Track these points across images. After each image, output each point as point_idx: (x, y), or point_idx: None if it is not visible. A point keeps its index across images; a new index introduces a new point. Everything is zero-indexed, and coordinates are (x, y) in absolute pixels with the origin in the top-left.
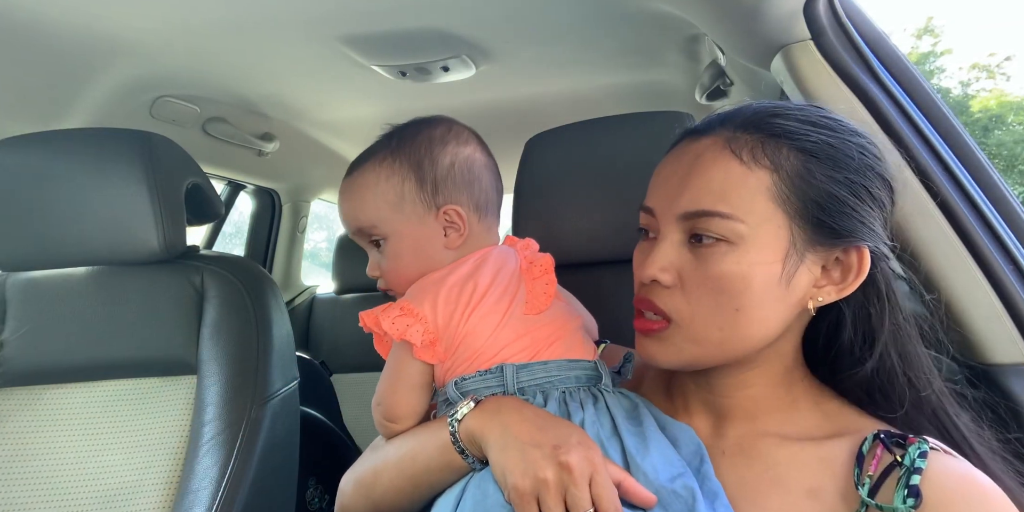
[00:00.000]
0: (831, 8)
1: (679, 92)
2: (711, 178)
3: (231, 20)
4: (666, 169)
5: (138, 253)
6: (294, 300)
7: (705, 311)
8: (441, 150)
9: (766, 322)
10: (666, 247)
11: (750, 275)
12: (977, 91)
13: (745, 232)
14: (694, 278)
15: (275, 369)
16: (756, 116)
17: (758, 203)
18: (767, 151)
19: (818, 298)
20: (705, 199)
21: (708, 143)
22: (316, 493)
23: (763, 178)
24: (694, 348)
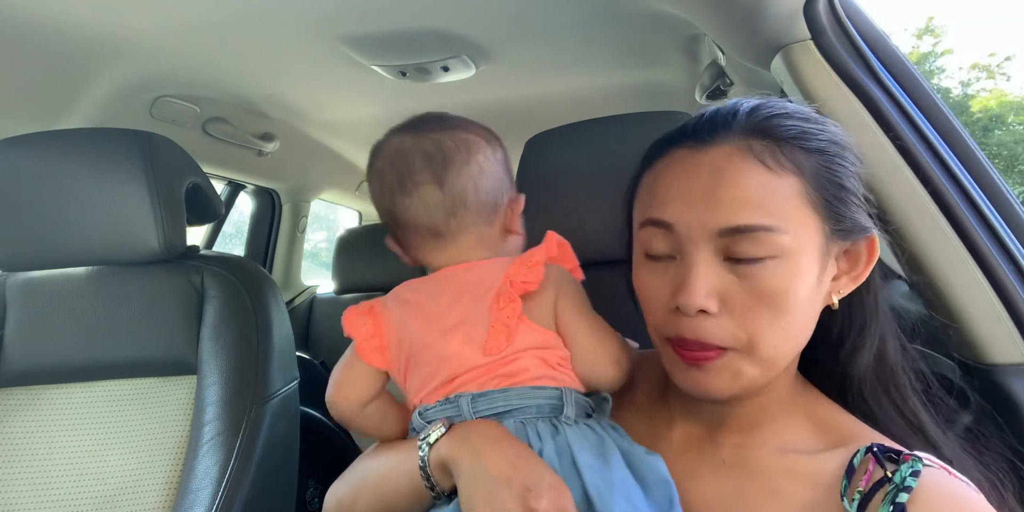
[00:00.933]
0: (831, 8)
1: (679, 92)
2: (743, 188)
3: (231, 20)
4: (678, 181)
5: (138, 253)
6: (294, 300)
7: (760, 331)
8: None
9: (808, 327)
10: (703, 270)
11: (798, 286)
12: (977, 91)
13: (788, 243)
14: (743, 299)
15: (275, 369)
16: (757, 120)
17: (794, 210)
18: (786, 154)
19: (839, 291)
20: (743, 212)
21: (724, 152)
22: (316, 493)
23: (792, 183)
24: (755, 369)
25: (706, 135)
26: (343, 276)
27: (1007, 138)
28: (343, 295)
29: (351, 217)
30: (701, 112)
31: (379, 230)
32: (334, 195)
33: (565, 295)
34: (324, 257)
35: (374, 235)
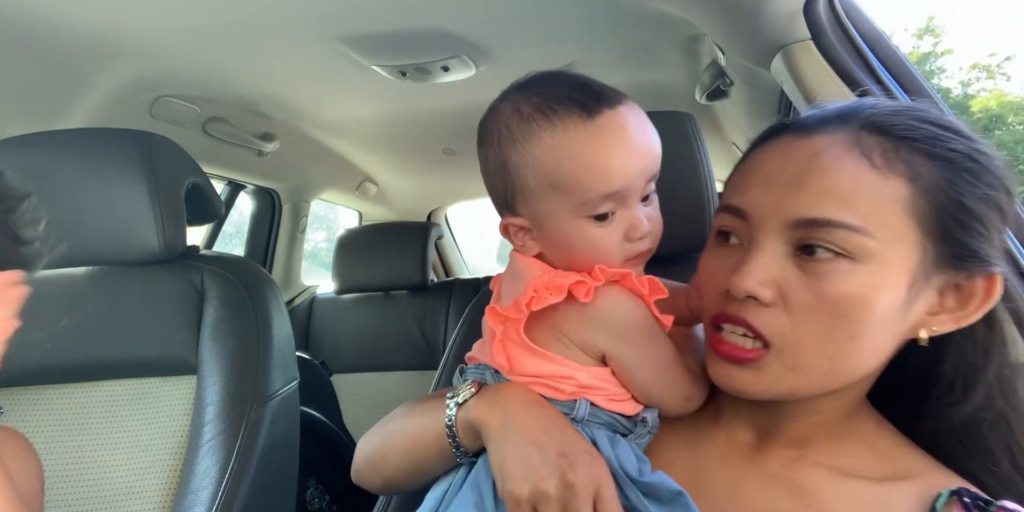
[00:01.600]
0: (831, 8)
1: (679, 92)
2: (836, 181)
3: (231, 20)
4: (766, 166)
5: (138, 253)
6: (294, 300)
7: (814, 337)
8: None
9: (877, 352)
10: (765, 258)
11: (874, 300)
12: (977, 91)
13: (874, 249)
14: (803, 298)
15: (275, 369)
16: (882, 116)
17: (892, 217)
18: (902, 156)
19: (932, 327)
20: (828, 205)
21: (827, 140)
22: (316, 493)
23: (898, 188)
24: (794, 378)
25: (814, 124)
26: (343, 276)
27: (1007, 138)
28: (343, 295)
29: (351, 217)
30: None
31: (379, 230)
32: (334, 195)
33: (601, 327)
34: (324, 257)
35: (374, 235)
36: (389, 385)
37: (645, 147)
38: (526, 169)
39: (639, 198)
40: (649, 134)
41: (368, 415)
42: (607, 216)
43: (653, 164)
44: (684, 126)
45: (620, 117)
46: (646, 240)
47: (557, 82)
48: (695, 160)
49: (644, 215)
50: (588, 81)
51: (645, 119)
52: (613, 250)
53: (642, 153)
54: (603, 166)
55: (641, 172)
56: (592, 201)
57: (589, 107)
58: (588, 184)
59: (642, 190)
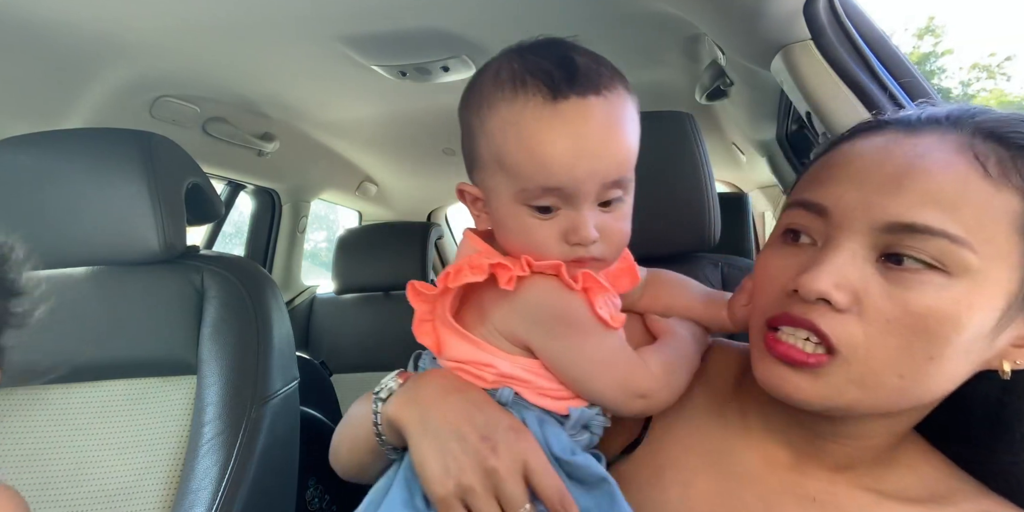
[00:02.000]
0: (831, 8)
1: (679, 92)
2: (942, 185)
3: (231, 20)
4: (859, 161)
5: (138, 253)
6: (294, 300)
7: (890, 352)
8: None
9: (953, 377)
10: (843, 259)
11: (964, 320)
12: (977, 91)
13: (973, 264)
14: (884, 308)
15: (275, 369)
16: (998, 122)
17: (999, 232)
18: (1019, 167)
19: (1016, 359)
20: (930, 211)
21: (936, 141)
22: (316, 493)
23: (1012, 202)
24: (858, 393)
25: (920, 123)
26: (343, 276)
27: None
28: (343, 295)
29: (351, 217)
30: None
31: (379, 230)
32: (334, 195)
33: (524, 318)
34: (324, 257)
35: (374, 235)
36: None
37: (603, 147)
38: (482, 138)
39: (591, 201)
40: (616, 134)
41: None
42: (549, 210)
43: (612, 168)
44: (684, 126)
45: (586, 109)
46: (594, 248)
47: (551, 52)
48: (695, 160)
49: (594, 222)
50: (582, 59)
51: (623, 117)
52: (549, 247)
53: (596, 153)
54: (545, 157)
55: (592, 174)
56: (530, 191)
57: (558, 89)
58: (528, 172)
59: (595, 194)
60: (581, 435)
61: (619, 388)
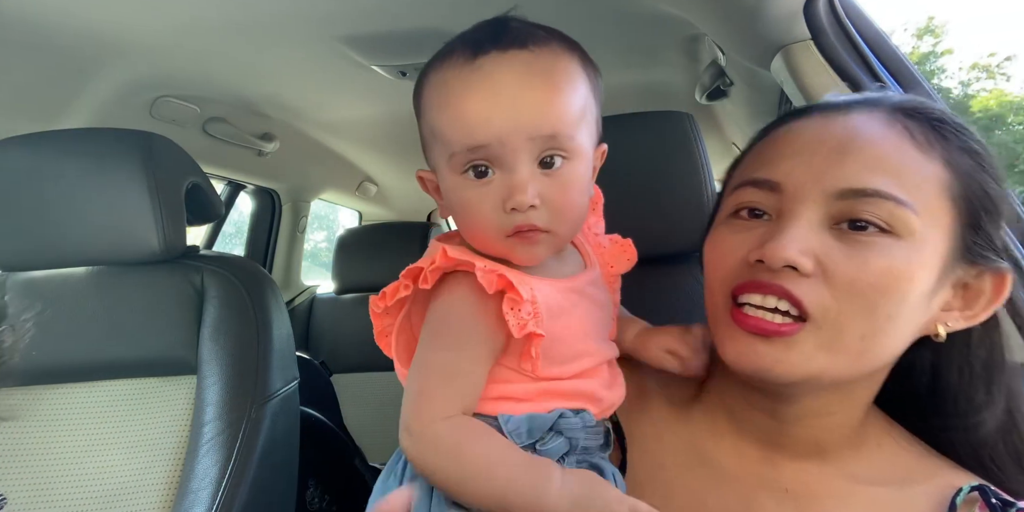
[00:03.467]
0: (831, 8)
1: (679, 92)
2: (884, 153)
3: (231, 20)
4: (802, 138)
5: (138, 253)
6: (294, 300)
7: (854, 312)
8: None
9: (903, 338)
10: (803, 228)
11: (916, 277)
12: (977, 91)
13: (917, 227)
14: (846, 271)
15: (275, 369)
16: (912, 102)
17: (933, 196)
18: (939, 139)
19: (947, 322)
20: (877, 177)
21: (867, 117)
22: (316, 493)
23: (939, 169)
24: (825, 358)
25: (845, 106)
26: (343, 276)
27: (1007, 138)
28: (343, 295)
29: (351, 217)
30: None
31: (379, 230)
32: (334, 195)
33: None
34: (324, 257)
35: (374, 235)
36: (389, 385)
37: (521, 98)
38: (421, 113)
39: (525, 161)
40: (539, 86)
41: (368, 415)
42: (486, 173)
43: (536, 122)
44: (684, 126)
45: (505, 62)
46: (534, 216)
47: (491, 23)
48: (695, 160)
49: (536, 188)
50: (516, 23)
51: (551, 71)
52: (489, 217)
53: (513, 107)
54: (464, 113)
55: (512, 129)
56: (458, 154)
57: (479, 47)
58: (452, 133)
59: (527, 152)
60: (552, 441)
61: (405, 408)
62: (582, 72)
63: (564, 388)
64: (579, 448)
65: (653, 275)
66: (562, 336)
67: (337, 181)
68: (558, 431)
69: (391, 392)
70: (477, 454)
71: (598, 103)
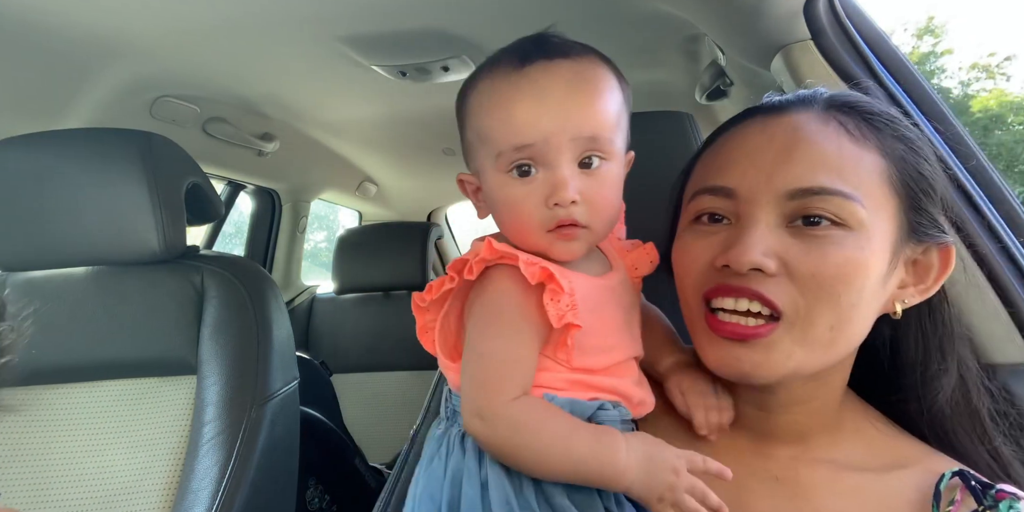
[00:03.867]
0: (831, 8)
1: (679, 92)
2: (823, 152)
3: (231, 20)
4: (746, 143)
5: (138, 253)
6: (294, 300)
7: (821, 304)
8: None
9: (866, 322)
10: (762, 230)
11: (870, 265)
12: (977, 91)
13: (865, 217)
14: (807, 267)
15: (275, 369)
16: (843, 97)
17: (875, 186)
18: (871, 130)
19: (903, 299)
20: (821, 175)
21: (802, 117)
22: (316, 493)
23: (875, 159)
24: (802, 353)
25: (781, 107)
26: (343, 276)
27: (1007, 138)
28: (343, 295)
29: (351, 217)
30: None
31: (379, 230)
32: (334, 195)
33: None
34: (324, 257)
35: (374, 235)
36: (389, 385)
37: (568, 101)
38: (467, 120)
39: (568, 160)
40: (582, 90)
41: (368, 415)
42: (529, 172)
43: (579, 124)
44: (684, 126)
45: (552, 70)
46: (576, 211)
47: (535, 37)
48: None
49: (576, 185)
50: (557, 38)
51: (592, 78)
52: (531, 213)
53: (561, 107)
54: (510, 115)
55: (558, 130)
56: (505, 153)
57: (526, 56)
58: (500, 133)
59: (570, 151)
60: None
61: (470, 395)
62: (617, 83)
63: (597, 382)
64: None
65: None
66: (596, 329)
67: (337, 181)
68: (597, 422)
69: (391, 392)
70: (553, 428)
71: (628, 113)
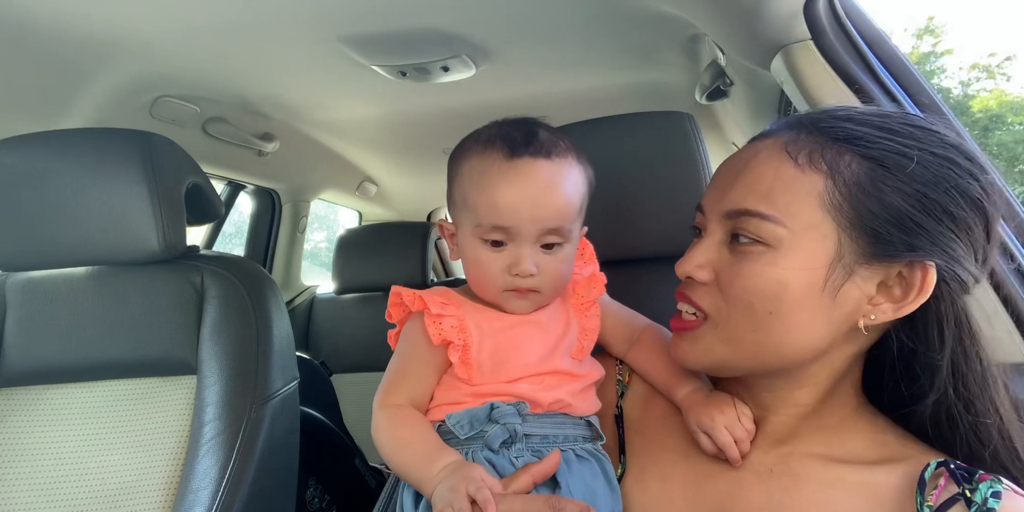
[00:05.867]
0: (831, 8)
1: (679, 92)
2: (760, 177)
3: (231, 20)
4: (723, 167)
5: (138, 253)
6: (294, 300)
7: (739, 311)
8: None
9: (805, 331)
10: (707, 244)
11: (786, 280)
12: (977, 91)
13: (784, 236)
14: (728, 277)
15: (275, 369)
16: (824, 119)
17: (805, 208)
18: (826, 156)
19: (871, 316)
20: (748, 198)
21: (768, 143)
22: (316, 493)
23: (816, 182)
24: (724, 349)
25: (774, 128)
26: (343, 276)
27: (1007, 138)
28: (343, 295)
29: (351, 217)
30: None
31: (379, 230)
32: (334, 195)
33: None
34: (324, 257)
35: (374, 235)
36: None
37: (543, 200)
38: (457, 181)
39: (532, 242)
40: (555, 190)
41: (368, 415)
42: (500, 245)
43: (549, 216)
44: (684, 126)
45: (534, 168)
46: (529, 281)
47: (523, 124)
48: (695, 160)
49: (535, 259)
50: (544, 132)
51: (565, 179)
52: (494, 275)
53: (536, 203)
54: (495, 200)
55: (531, 219)
56: (483, 226)
57: (515, 150)
58: (482, 210)
59: (536, 236)
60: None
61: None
62: (583, 177)
63: (497, 390)
64: (519, 435)
65: (653, 275)
66: (503, 354)
67: (337, 181)
68: (495, 421)
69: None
70: (397, 436)
71: (588, 198)
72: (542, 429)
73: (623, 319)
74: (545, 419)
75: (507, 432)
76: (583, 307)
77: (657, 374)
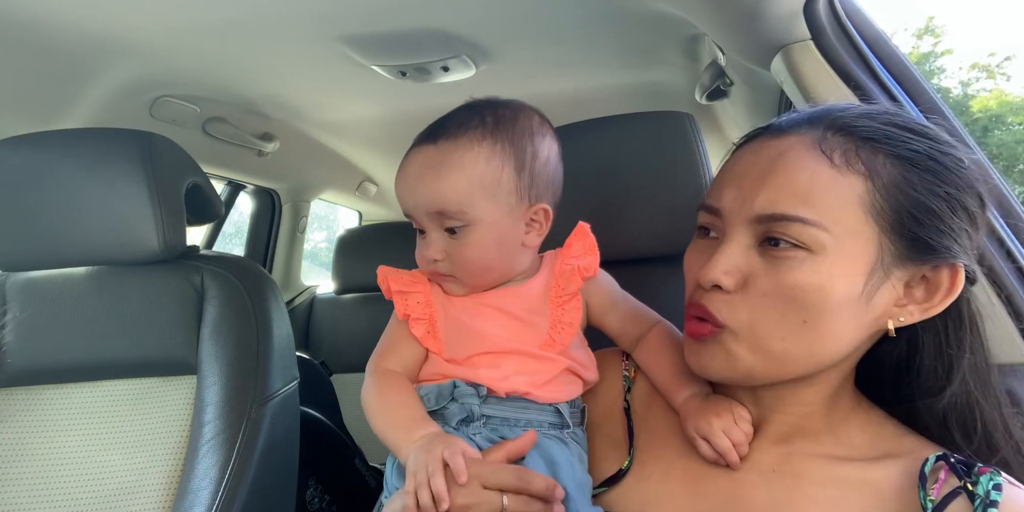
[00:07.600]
0: (831, 8)
1: (679, 92)
2: (795, 179)
3: (231, 20)
4: (738, 166)
5: (138, 253)
6: (294, 300)
7: (768, 320)
8: (540, 142)
9: (837, 339)
10: (732, 249)
11: (828, 288)
12: (977, 91)
13: (828, 242)
14: (762, 285)
15: (275, 369)
16: (849, 118)
17: (848, 212)
18: (862, 155)
19: (899, 318)
20: (786, 201)
21: (793, 141)
22: (316, 493)
23: (855, 185)
24: (751, 358)
25: (786, 126)
26: (343, 276)
27: (1007, 138)
28: (343, 295)
29: (351, 217)
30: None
31: (379, 230)
32: (334, 195)
33: None
34: (324, 257)
35: (374, 235)
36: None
37: (417, 186)
38: None
39: (434, 227)
40: (431, 175)
41: None
42: (423, 232)
43: (427, 202)
44: (684, 126)
45: (418, 156)
46: (440, 266)
47: (453, 113)
48: (695, 160)
49: (442, 245)
50: (465, 115)
51: (446, 162)
52: (419, 262)
53: (415, 191)
54: (395, 190)
55: (415, 206)
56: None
57: (418, 140)
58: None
59: (432, 220)
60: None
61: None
62: (490, 153)
63: (460, 372)
64: (477, 415)
65: (654, 275)
66: (463, 331)
67: (337, 181)
68: (454, 399)
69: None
70: (381, 401)
71: (520, 172)
72: (502, 412)
73: (631, 315)
74: (506, 402)
75: (465, 411)
76: (560, 300)
77: (659, 374)
